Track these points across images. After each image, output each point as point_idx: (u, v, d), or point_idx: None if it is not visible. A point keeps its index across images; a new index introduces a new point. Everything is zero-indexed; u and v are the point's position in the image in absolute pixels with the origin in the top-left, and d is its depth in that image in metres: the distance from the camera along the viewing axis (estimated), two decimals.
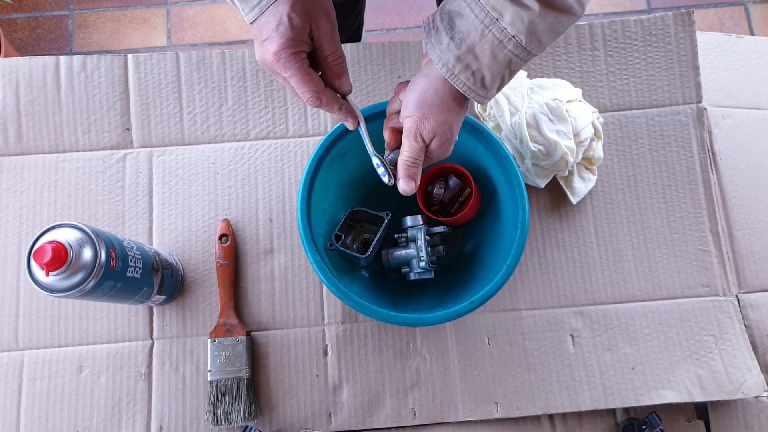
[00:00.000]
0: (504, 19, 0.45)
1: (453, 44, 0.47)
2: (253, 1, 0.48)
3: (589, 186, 0.72)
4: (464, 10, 0.47)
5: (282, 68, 0.49)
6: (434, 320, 0.58)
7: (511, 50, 0.46)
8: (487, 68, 0.48)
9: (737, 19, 1.68)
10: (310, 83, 0.50)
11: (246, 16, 0.49)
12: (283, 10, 0.47)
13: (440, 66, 0.49)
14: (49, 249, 0.50)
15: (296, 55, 0.48)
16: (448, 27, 0.48)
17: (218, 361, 0.67)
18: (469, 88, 0.49)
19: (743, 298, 0.71)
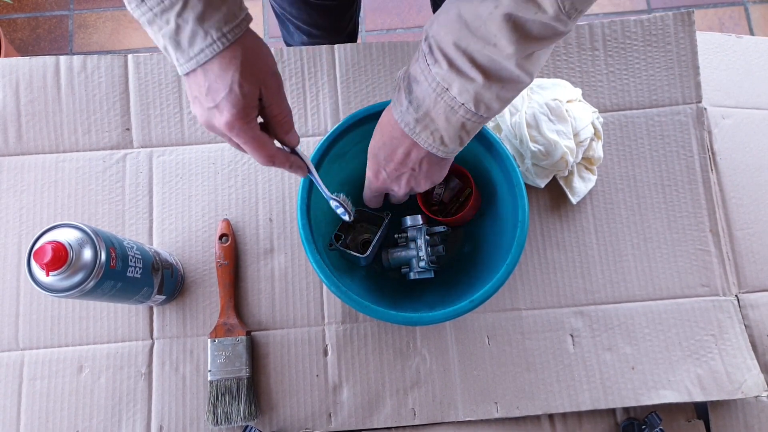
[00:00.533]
0: (453, 89, 0.47)
1: (411, 108, 0.49)
2: (189, 51, 0.46)
3: (589, 186, 0.72)
4: (420, 77, 0.48)
5: (235, 137, 0.49)
6: (434, 319, 0.58)
7: (462, 115, 0.48)
8: (444, 130, 0.49)
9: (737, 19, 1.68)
10: (263, 149, 0.50)
11: (179, 67, 0.47)
12: (233, 77, 0.46)
13: (403, 125, 0.51)
14: (49, 249, 0.50)
15: (249, 124, 0.48)
16: (407, 90, 0.50)
17: (218, 361, 0.67)
18: (430, 145, 0.51)
19: (743, 297, 0.71)
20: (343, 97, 0.77)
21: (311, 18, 0.98)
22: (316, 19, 0.99)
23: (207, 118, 0.48)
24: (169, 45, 0.46)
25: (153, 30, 0.46)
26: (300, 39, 1.06)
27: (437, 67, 0.47)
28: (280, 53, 0.78)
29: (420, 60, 0.49)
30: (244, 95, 0.46)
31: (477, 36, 0.45)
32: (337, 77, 0.77)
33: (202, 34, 0.44)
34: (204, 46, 0.45)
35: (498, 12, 0.43)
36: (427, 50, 0.48)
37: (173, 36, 0.45)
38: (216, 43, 0.45)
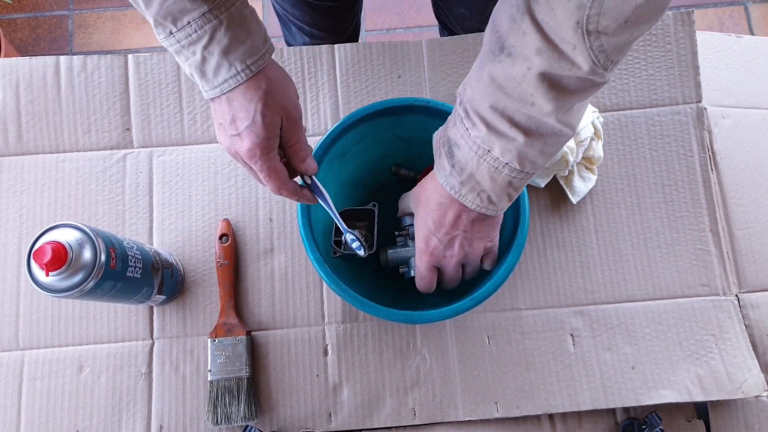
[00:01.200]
0: (494, 151, 0.47)
1: (455, 171, 0.50)
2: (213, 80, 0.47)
3: (589, 185, 0.72)
4: (460, 141, 0.49)
5: (254, 165, 0.50)
6: (434, 317, 0.58)
7: (507, 174, 0.48)
8: (490, 190, 0.50)
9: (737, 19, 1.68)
10: (276, 180, 0.52)
11: (205, 93, 0.49)
12: (256, 108, 0.47)
13: (448, 188, 0.51)
14: (49, 249, 0.50)
15: (268, 155, 0.50)
16: (448, 155, 0.51)
17: (218, 360, 0.67)
18: (478, 205, 0.51)
19: (743, 297, 0.71)
20: (343, 97, 0.77)
21: (313, 19, 0.98)
22: (318, 20, 0.99)
23: (229, 145, 0.50)
24: (195, 74, 0.48)
25: (180, 59, 0.48)
26: (302, 40, 1.06)
27: (476, 130, 0.47)
28: (280, 53, 0.78)
29: (458, 124, 0.49)
30: (266, 125, 0.48)
31: (513, 97, 0.45)
32: (337, 77, 0.77)
33: (227, 66, 0.46)
34: (228, 76, 0.47)
35: (531, 73, 0.43)
36: (463, 114, 0.48)
37: (199, 66, 0.47)
38: (240, 74, 0.47)
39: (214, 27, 0.45)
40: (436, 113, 0.63)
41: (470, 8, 0.98)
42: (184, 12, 0.45)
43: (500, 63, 0.45)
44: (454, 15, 1.03)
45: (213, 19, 0.45)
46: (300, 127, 0.52)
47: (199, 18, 0.45)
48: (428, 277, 0.59)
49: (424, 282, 0.60)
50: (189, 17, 0.45)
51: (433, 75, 0.77)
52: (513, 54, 0.44)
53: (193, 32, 0.45)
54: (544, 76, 0.43)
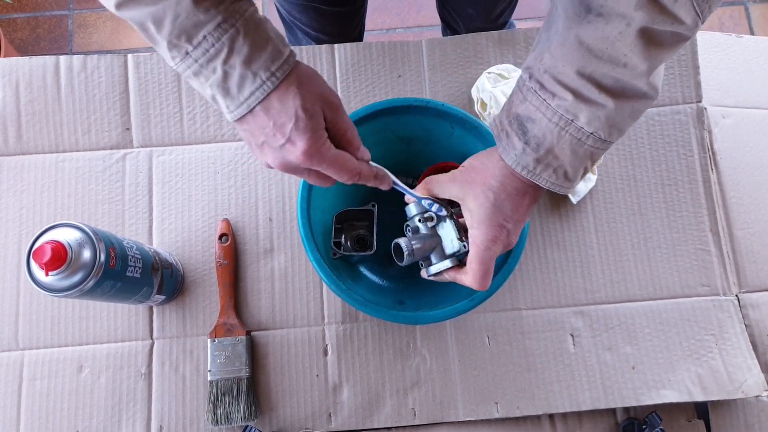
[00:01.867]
0: (579, 119, 0.45)
1: (529, 148, 0.47)
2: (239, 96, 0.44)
3: (589, 185, 0.72)
4: (535, 115, 0.46)
5: (315, 164, 0.46)
6: (435, 318, 0.58)
7: (591, 145, 0.46)
8: (569, 164, 0.47)
9: (737, 19, 1.68)
10: (347, 165, 0.48)
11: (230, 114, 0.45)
12: (294, 105, 0.44)
13: (519, 169, 0.48)
14: (48, 249, 0.50)
15: (325, 146, 0.46)
16: (520, 132, 0.47)
17: (218, 360, 0.66)
18: (552, 183, 0.48)
19: (743, 297, 0.71)
20: (343, 97, 0.76)
21: (320, 24, 0.98)
22: (324, 25, 0.99)
23: (282, 157, 0.46)
24: (218, 93, 0.44)
25: (200, 81, 0.44)
26: (308, 44, 1.06)
27: (558, 100, 0.45)
28: None
29: (531, 98, 0.47)
30: (312, 117, 0.45)
31: (603, 59, 0.43)
32: (337, 77, 0.77)
33: (251, 77, 0.43)
34: (254, 88, 0.44)
35: (631, 30, 0.42)
36: (537, 87, 0.46)
37: (221, 84, 0.44)
38: (266, 83, 0.44)
39: (232, 37, 0.42)
40: (436, 113, 0.63)
41: (478, 8, 0.98)
42: (199, 26, 0.42)
43: (590, 24, 0.43)
44: (461, 15, 1.03)
45: (229, 28, 0.42)
46: (344, 113, 0.49)
47: (215, 30, 0.42)
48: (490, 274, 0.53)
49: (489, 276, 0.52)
50: (204, 31, 0.42)
51: (433, 75, 0.77)
52: (604, 13, 0.42)
53: (211, 46, 0.42)
54: (644, 32, 0.41)
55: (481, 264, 0.51)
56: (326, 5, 0.92)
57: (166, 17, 0.42)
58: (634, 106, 0.45)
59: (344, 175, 0.48)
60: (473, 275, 0.52)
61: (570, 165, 0.47)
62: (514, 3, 1.02)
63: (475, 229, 0.51)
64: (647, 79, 0.44)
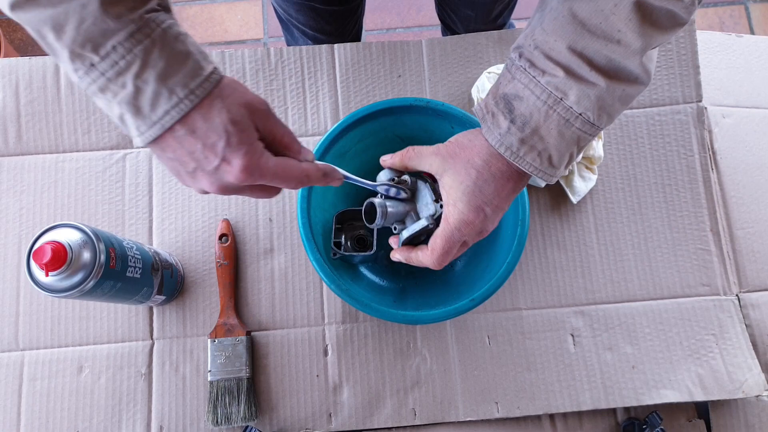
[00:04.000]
0: (569, 98, 0.43)
1: (515, 127, 0.45)
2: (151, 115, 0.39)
3: (589, 185, 0.72)
4: (523, 92, 0.45)
5: (257, 179, 0.42)
6: (435, 318, 0.58)
7: (578, 127, 0.44)
8: (554, 148, 0.45)
9: (737, 18, 1.68)
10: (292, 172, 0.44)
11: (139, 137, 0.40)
12: (220, 120, 0.40)
13: (503, 150, 0.46)
14: (48, 249, 0.50)
15: (264, 157, 0.42)
16: (506, 110, 0.46)
17: (218, 361, 0.66)
18: (536, 168, 0.46)
19: (744, 297, 0.71)
20: (343, 97, 0.76)
21: (317, 23, 0.98)
22: (322, 24, 0.99)
23: (218, 180, 0.42)
24: (128, 112, 0.39)
25: (106, 98, 0.39)
26: (304, 43, 1.06)
27: (548, 76, 0.44)
28: (280, 53, 0.78)
29: (519, 76, 0.45)
30: (243, 130, 0.41)
31: (596, 35, 0.42)
32: (336, 77, 0.77)
33: (167, 94, 0.39)
34: (169, 107, 0.39)
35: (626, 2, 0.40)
36: (526, 65, 0.45)
37: (131, 101, 0.39)
38: (183, 101, 0.39)
39: (146, 49, 0.38)
40: (436, 113, 0.63)
41: (476, 9, 0.98)
42: (108, 34, 0.37)
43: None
44: (460, 16, 1.03)
45: (144, 39, 0.38)
46: (275, 117, 0.45)
47: (126, 40, 0.37)
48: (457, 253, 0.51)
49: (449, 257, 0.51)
50: (114, 40, 0.37)
51: (433, 75, 0.77)
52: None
53: (121, 58, 0.37)
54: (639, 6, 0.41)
55: (447, 242, 0.49)
56: (323, 4, 0.92)
57: (69, 22, 0.36)
58: (626, 90, 0.44)
59: (291, 182, 0.44)
60: (433, 251, 0.50)
61: (555, 149, 0.45)
62: (513, 4, 1.01)
63: (451, 207, 0.49)
64: (640, 59, 0.43)
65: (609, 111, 0.44)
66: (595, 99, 0.43)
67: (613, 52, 0.42)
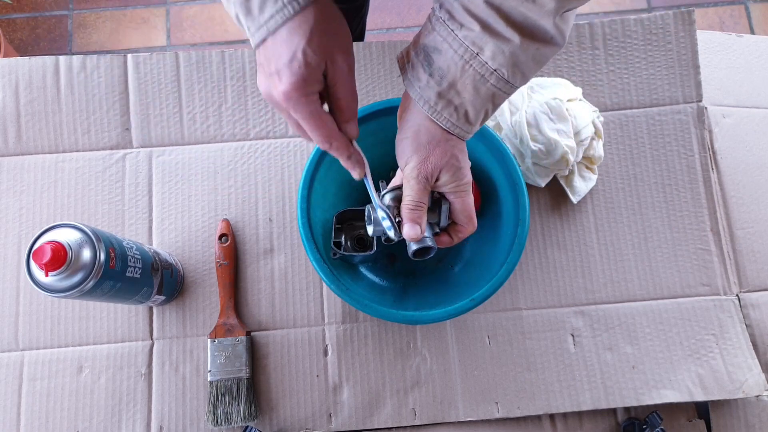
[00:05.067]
0: (484, 53, 0.44)
1: (433, 81, 0.46)
2: (259, 17, 0.43)
3: (589, 185, 0.72)
4: (441, 45, 0.45)
5: (291, 109, 0.45)
6: (435, 318, 0.58)
7: (493, 84, 0.45)
8: (470, 103, 0.46)
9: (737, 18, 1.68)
10: (323, 128, 0.46)
11: (252, 36, 0.44)
12: (298, 43, 0.42)
13: (421, 104, 0.47)
14: (48, 249, 0.50)
15: (308, 97, 0.44)
16: (425, 63, 0.46)
17: (218, 361, 0.66)
18: (452, 124, 0.47)
19: (744, 297, 0.71)
20: None
21: None
22: None
23: (267, 87, 0.45)
24: (240, 12, 0.43)
25: None
26: None
27: (465, 30, 0.44)
28: None
29: (438, 28, 0.45)
30: (307, 64, 0.43)
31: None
32: None
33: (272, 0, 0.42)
34: (274, 11, 0.42)
35: None
36: (446, 17, 0.45)
37: (244, 3, 0.43)
38: (286, 7, 0.42)
39: None
40: None
41: None
42: None
43: None
44: None
45: None
46: (350, 79, 0.46)
47: None
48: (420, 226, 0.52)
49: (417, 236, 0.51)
50: None
51: None
52: None
53: None
54: None
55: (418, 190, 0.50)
56: None
57: None
58: (540, 49, 0.44)
59: (317, 135, 0.46)
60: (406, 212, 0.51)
61: (471, 104, 0.46)
62: None
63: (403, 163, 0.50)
64: (554, 20, 0.43)
65: (523, 69, 0.45)
66: (509, 55, 0.44)
67: (529, 9, 0.43)
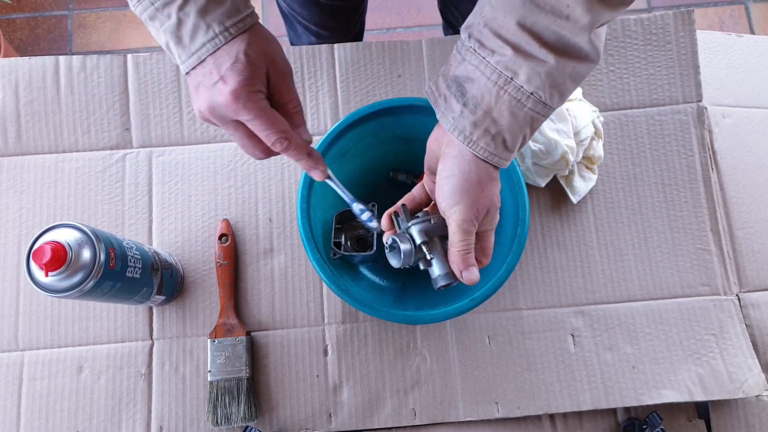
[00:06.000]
0: (519, 77, 0.43)
1: (467, 110, 0.45)
2: (190, 46, 0.44)
3: (589, 185, 0.72)
4: (473, 74, 0.44)
5: (242, 109, 0.44)
6: (435, 318, 0.58)
7: (531, 108, 0.44)
8: (507, 130, 0.45)
9: (737, 18, 1.68)
10: (277, 123, 0.46)
11: (182, 65, 0.45)
12: (238, 48, 0.44)
13: (456, 134, 0.45)
14: (48, 249, 0.50)
15: (257, 94, 0.45)
16: (458, 93, 0.45)
17: (218, 361, 0.66)
18: (489, 153, 0.45)
19: (744, 297, 0.71)
20: (343, 97, 0.76)
21: (321, 19, 0.98)
22: (325, 20, 0.99)
23: (211, 98, 0.45)
24: (171, 41, 0.45)
25: (155, 26, 0.45)
26: (308, 40, 1.06)
27: (498, 56, 0.43)
28: None
29: (469, 58, 0.45)
30: (251, 63, 0.44)
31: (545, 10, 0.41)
32: (336, 77, 0.77)
33: (204, 28, 0.43)
34: (206, 40, 0.44)
35: None
36: (476, 45, 0.44)
37: (174, 31, 0.44)
38: (218, 37, 0.44)
39: None
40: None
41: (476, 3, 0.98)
42: None
43: None
44: (461, 11, 1.03)
45: None
46: (291, 83, 0.47)
47: None
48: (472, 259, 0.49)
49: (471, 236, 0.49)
50: None
51: (433, 75, 0.77)
52: None
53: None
54: None
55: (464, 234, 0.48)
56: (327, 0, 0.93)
57: None
58: (576, 67, 0.44)
59: (272, 134, 0.46)
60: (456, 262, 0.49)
61: (509, 131, 0.45)
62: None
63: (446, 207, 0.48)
64: (589, 36, 0.43)
65: (560, 89, 0.44)
66: (545, 77, 0.43)
67: (562, 27, 0.42)
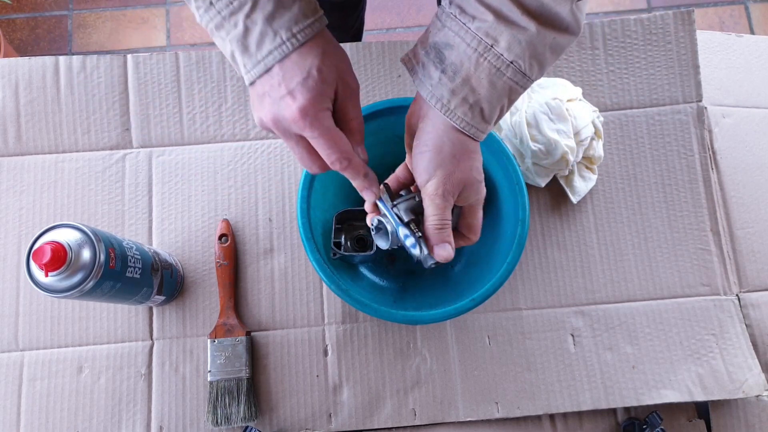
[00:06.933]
0: (499, 44, 0.42)
1: (445, 77, 0.44)
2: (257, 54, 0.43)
3: (589, 185, 0.72)
4: (453, 40, 0.43)
5: (308, 127, 0.43)
6: (435, 318, 0.58)
7: (510, 77, 0.43)
8: (485, 99, 0.44)
9: (737, 18, 1.68)
10: (341, 143, 0.45)
11: (246, 75, 0.44)
12: (311, 62, 0.42)
13: (434, 102, 0.45)
14: (48, 249, 0.50)
15: (324, 112, 0.44)
16: (437, 60, 0.44)
17: (218, 361, 0.66)
18: (467, 123, 0.45)
19: (744, 297, 0.71)
20: None
21: None
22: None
23: (276, 111, 0.44)
24: (237, 49, 0.43)
25: (221, 35, 0.43)
26: None
27: (478, 22, 0.42)
28: None
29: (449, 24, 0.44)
30: (323, 79, 0.43)
31: None
32: None
33: (271, 35, 0.42)
34: (273, 47, 0.42)
35: None
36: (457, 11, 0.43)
37: (241, 39, 0.43)
38: (285, 44, 0.42)
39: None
40: None
41: None
42: None
43: None
44: None
45: None
46: (357, 100, 0.46)
47: None
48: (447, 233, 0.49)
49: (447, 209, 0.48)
50: None
51: None
52: None
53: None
54: None
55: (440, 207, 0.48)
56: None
57: None
58: (556, 38, 0.43)
59: (334, 153, 0.45)
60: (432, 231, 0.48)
61: (487, 101, 0.44)
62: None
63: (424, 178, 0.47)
64: (571, 6, 0.42)
65: (539, 60, 0.43)
66: (525, 45, 0.42)
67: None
